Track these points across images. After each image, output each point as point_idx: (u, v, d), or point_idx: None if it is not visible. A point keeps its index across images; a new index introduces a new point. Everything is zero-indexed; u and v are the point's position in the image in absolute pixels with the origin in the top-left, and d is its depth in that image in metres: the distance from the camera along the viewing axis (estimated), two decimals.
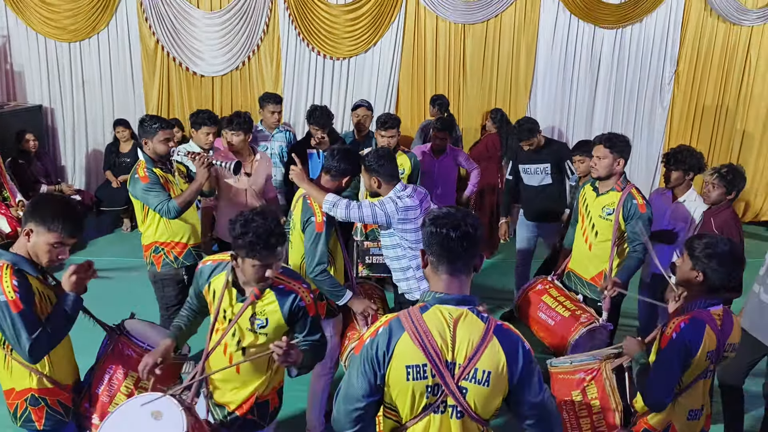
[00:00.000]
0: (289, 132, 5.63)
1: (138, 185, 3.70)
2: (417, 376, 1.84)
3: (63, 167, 7.72)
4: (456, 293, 1.90)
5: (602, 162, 3.66)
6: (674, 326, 2.46)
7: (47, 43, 7.34)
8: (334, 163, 3.36)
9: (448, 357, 1.84)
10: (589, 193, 3.85)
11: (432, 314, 1.88)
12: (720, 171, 3.69)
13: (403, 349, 1.84)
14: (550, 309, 3.73)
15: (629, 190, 3.64)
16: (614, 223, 3.63)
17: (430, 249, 1.91)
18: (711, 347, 2.44)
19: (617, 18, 7.48)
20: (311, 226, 3.28)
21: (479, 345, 1.84)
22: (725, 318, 2.53)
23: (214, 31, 7.39)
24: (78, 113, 7.61)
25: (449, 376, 1.84)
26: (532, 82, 7.71)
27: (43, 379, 2.51)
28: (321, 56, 7.49)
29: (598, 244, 3.74)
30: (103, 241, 6.96)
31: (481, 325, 1.88)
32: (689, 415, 2.53)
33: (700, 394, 2.55)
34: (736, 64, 7.70)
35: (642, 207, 3.57)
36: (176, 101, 7.57)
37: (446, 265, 1.90)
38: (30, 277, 2.40)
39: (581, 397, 2.95)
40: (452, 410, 1.88)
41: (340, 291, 3.36)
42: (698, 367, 2.45)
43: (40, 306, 2.41)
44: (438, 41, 7.52)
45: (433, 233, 1.88)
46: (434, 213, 1.94)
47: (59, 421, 2.58)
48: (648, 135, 7.87)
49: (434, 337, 1.84)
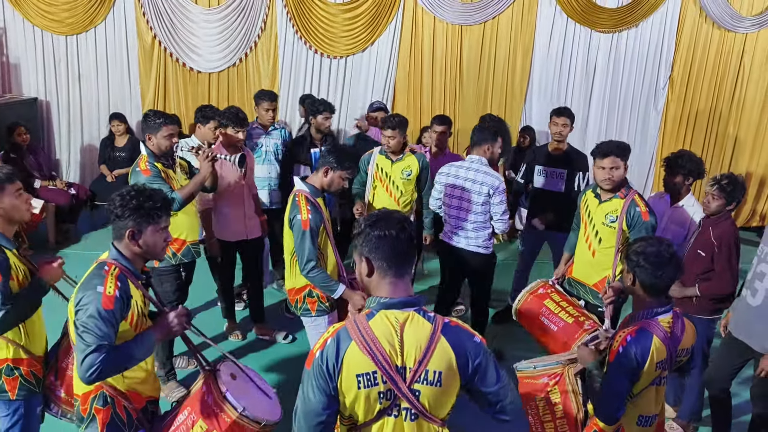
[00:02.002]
0: (284, 129, 5.64)
1: (140, 178, 3.71)
2: (368, 384, 1.83)
3: (58, 161, 7.70)
4: (401, 296, 1.89)
5: (617, 172, 3.63)
6: (621, 339, 2.44)
7: (44, 36, 7.32)
8: None
9: (397, 362, 1.83)
10: (591, 200, 3.83)
11: (378, 320, 1.86)
12: (720, 182, 3.66)
13: (351, 359, 1.82)
14: (553, 314, 3.67)
15: (632, 197, 3.64)
16: (618, 231, 3.63)
17: (376, 253, 1.87)
18: (660, 357, 2.40)
19: (613, 22, 7.52)
20: (297, 224, 3.32)
21: (428, 346, 1.84)
22: (675, 324, 2.50)
23: (211, 27, 7.39)
24: (74, 107, 7.59)
25: (401, 381, 1.83)
26: (527, 85, 7.74)
27: (20, 350, 2.61)
28: (318, 54, 7.50)
29: (602, 250, 3.74)
30: (98, 235, 6.96)
31: (428, 326, 1.87)
32: (639, 420, 2.51)
33: (652, 400, 2.51)
34: (729, 70, 7.76)
35: (645, 215, 3.58)
36: (172, 97, 7.57)
37: (395, 269, 1.88)
38: (7, 251, 2.53)
39: (545, 401, 2.98)
40: (406, 413, 1.88)
41: (333, 285, 3.41)
42: (648, 376, 2.42)
43: (17, 278, 2.54)
44: (435, 42, 7.54)
45: (381, 237, 1.86)
46: (372, 217, 1.93)
47: (31, 392, 2.68)
48: (641, 139, 7.92)
49: (382, 344, 1.83)
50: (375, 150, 4.77)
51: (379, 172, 4.69)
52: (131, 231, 2.33)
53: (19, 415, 2.68)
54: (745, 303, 3.45)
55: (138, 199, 2.33)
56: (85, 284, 2.29)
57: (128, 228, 2.33)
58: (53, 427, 2.98)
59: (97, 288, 2.24)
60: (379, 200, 4.71)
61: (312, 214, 3.31)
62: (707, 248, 3.66)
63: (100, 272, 2.30)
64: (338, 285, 3.43)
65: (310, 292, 3.52)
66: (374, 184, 4.72)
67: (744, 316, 3.46)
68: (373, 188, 4.73)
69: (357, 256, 1.95)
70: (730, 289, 3.64)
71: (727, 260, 3.60)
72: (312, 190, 3.46)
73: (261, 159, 5.21)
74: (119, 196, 2.35)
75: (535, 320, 3.76)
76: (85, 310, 2.21)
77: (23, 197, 2.63)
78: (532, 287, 3.94)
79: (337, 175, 3.47)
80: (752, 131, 7.96)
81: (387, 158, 4.65)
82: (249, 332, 4.94)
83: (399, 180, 4.64)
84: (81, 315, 2.21)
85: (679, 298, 3.75)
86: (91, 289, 2.25)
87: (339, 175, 3.47)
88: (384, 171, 4.66)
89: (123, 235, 2.34)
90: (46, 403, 2.76)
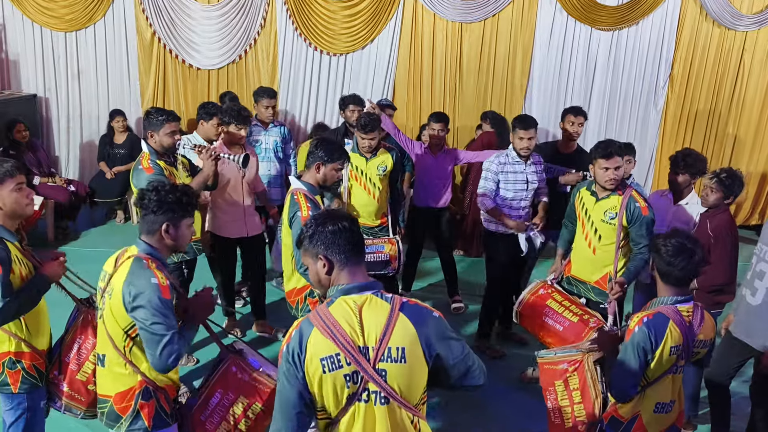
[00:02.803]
0: (283, 127, 5.64)
1: (142, 176, 3.71)
2: (332, 366, 1.86)
3: (57, 158, 7.68)
4: (360, 281, 1.96)
5: (620, 171, 3.68)
6: (638, 320, 2.54)
7: (43, 33, 7.29)
8: None
9: (359, 342, 1.87)
10: (587, 198, 3.83)
11: (338, 306, 1.91)
12: (719, 175, 3.70)
13: (314, 344, 1.86)
14: (557, 314, 3.68)
15: (630, 194, 3.67)
16: (618, 227, 3.65)
17: (334, 249, 1.95)
18: (676, 342, 2.50)
19: (614, 20, 7.52)
20: (297, 221, 3.28)
21: (387, 324, 1.88)
22: (695, 314, 2.59)
23: (211, 24, 7.37)
24: (73, 104, 7.57)
25: (364, 361, 1.86)
26: (527, 83, 7.74)
27: (21, 343, 2.63)
28: (318, 52, 7.49)
29: (603, 247, 3.75)
30: (97, 232, 6.96)
31: (386, 305, 1.92)
32: (656, 407, 2.59)
33: (668, 388, 2.59)
34: (729, 68, 7.76)
35: (645, 210, 3.62)
36: (172, 94, 7.55)
37: (354, 258, 1.97)
38: (9, 244, 2.55)
39: (563, 386, 3.02)
40: (375, 397, 1.88)
41: None
42: (665, 361, 2.52)
43: (19, 271, 2.55)
44: (435, 39, 7.53)
45: (336, 231, 1.95)
46: (320, 217, 2.02)
47: (33, 385, 2.70)
48: (641, 137, 7.92)
49: (342, 326, 1.87)
50: (346, 148, 4.74)
51: (355, 170, 4.66)
52: (167, 224, 2.41)
53: (23, 408, 2.70)
54: (744, 302, 3.46)
55: (174, 194, 2.42)
56: (132, 280, 2.32)
57: (164, 222, 2.41)
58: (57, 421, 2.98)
59: (152, 280, 2.31)
60: (356, 198, 4.69)
61: (312, 210, 3.28)
62: (704, 240, 3.67)
63: (143, 266, 2.36)
64: None
65: (312, 293, 3.49)
66: (350, 183, 4.70)
67: (743, 316, 3.46)
68: (349, 187, 4.71)
69: (310, 258, 2.00)
70: (726, 278, 3.67)
71: (722, 250, 3.64)
72: (309, 188, 3.44)
73: (261, 156, 5.21)
74: (154, 191, 2.42)
75: (538, 321, 3.76)
76: (146, 304, 2.28)
77: (24, 191, 2.63)
78: (531, 288, 3.92)
79: (329, 168, 3.45)
80: (752, 130, 7.97)
81: (361, 156, 4.64)
82: (248, 330, 4.94)
83: (375, 176, 4.64)
84: (143, 311, 2.28)
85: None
86: (145, 282, 2.31)
87: (331, 167, 3.45)
88: (359, 169, 4.64)
89: (156, 230, 2.42)
90: (49, 397, 2.78)
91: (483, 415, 4.06)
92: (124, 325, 2.36)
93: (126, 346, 2.39)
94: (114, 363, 2.42)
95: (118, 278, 2.36)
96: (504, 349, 4.89)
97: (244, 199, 4.52)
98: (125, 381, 2.42)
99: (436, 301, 5.64)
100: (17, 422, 2.71)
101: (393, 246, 4.52)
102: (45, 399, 2.77)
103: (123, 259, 2.41)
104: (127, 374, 2.42)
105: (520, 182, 4.56)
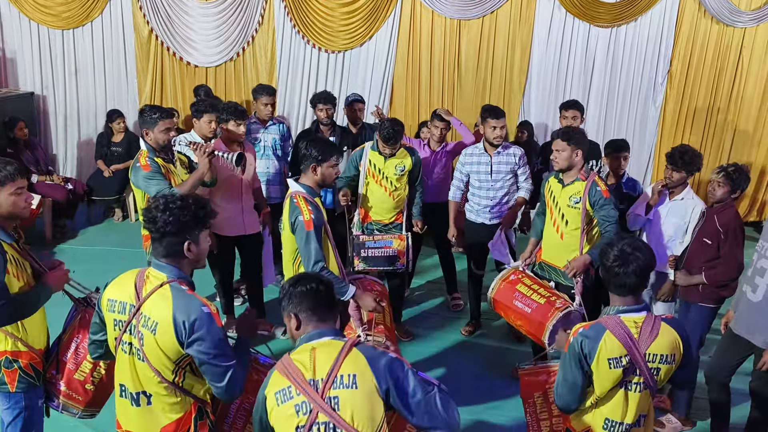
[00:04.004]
0: (282, 125, 5.61)
1: (139, 174, 3.71)
2: (284, 398, 2.01)
3: (54, 156, 7.67)
4: (322, 329, 2.12)
5: (562, 154, 3.86)
6: (574, 332, 2.43)
7: (40, 30, 7.28)
8: None
9: (309, 375, 2.01)
10: (554, 185, 4.02)
11: (298, 350, 2.10)
12: (726, 170, 3.70)
13: (272, 383, 2.06)
14: (526, 297, 3.83)
15: (593, 179, 3.87)
16: (582, 211, 3.83)
17: (302, 306, 2.13)
18: (613, 354, 2.33)
19: (612, 17, 7.51)
20: (300, 226, 3.22)
21: (338, 357, 2.02)
22: (646, 326, 2.38)
23: (208, 21, 7.36)
24: (70, 101, 7.56)
25: (313, 391, 1.98)
26: (526, 80, 7.72)
27: (18, 343, 2.62)
28: (316, 49, 7.48)
29: (569, 232, 3.93)
30: (94, 231, 6.94)
31: (339, 343, 2.07)
32: (605, 424, 2.44)
33: (619, 404, 2.41)
34: (728, 65, 7.74)
35: (605, 192, 3.82)
36: (169, 91, 7.54)
37: (318, 315, 2.13)
38: (5, 245, 2.52)
39: (542, 398, 3.02)
40: (325, 428, 1.97)
41: (344, 287, 3.35)
42: (605, 374, 2.35)
43: (16, 273, 2.52)
44: (434, 36, 7.52)
45: (304, 291, 2.13)
46: (292, 279, 2.21)
47: (31, 384, 2.69)
48: (640, 134, 7.91)
49: (296, 365, 2.04)
50: (366, 145, 4.74)
51: (372, 168, 4.66)
52: (188, 243, 2.24)
53: (20, 407, 2.69)
54: (745, 299, 3.45)
55: (189, 210, 2.22)
56: (184, 311, 2.14)
57: (185, 242, 2.23)
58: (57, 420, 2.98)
59: (204, 309, 2.16)
60: (372, 194, 4.71)
61: (314, 213, 3.24)
62: (713, 236, 3.70)
63: (185, 293, 2.20)
64: (348, 286, 3.37)
65: None
66: (367, 179, 4.71)
67: (744, 313, 3.46)
68: (366, 183, 4.72)
69: (285, 317, 2.18)
70: (735, 274, 3.68)
71: (732, 246, 3.65)
72: (308, 191, 3.36)
73: (259, 154, 5.19)
74: (167, 212, 2.19)
75: (509, 305, 3.90)
76: (205, 336, 2.13)
77: (23, 195, 2.61)
78: (503, 275, 4.10)
79: (326, 167, 3.37)
80: (751, 126, 7.95)
81: (380, 155, 4.63)
82: None
83: (392, 176, 4.64)
84: (204, 345, 2.14)
85: (685, 287, 3.81)
86: (198, 312, 2.15)
87: (327, 165, 3.37)
88: (377, 167, 4.64)
89: (179, 251, 2.24)
90: (47, 397, 2.78)
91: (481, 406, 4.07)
92: (176, 358, 2.18)
93: (178, 378, 2.22)
94: (161, 396, 2.24)
95: (158, 309, 2.15)
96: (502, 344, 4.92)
97: (242, 197, 4.51)
98: (178, 408, 2.26)
99: (434, 299, 5.66)
100: (15, 421, 2.71)
101: (402, 242, 4.55)
102: (43, 398, 2.77)
103: (150, 288, 2.20)
104: (178, 402, 2.26)
105: (483, 173, 4.76)
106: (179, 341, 2.13)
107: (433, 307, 5.55)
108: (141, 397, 2.23)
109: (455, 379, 4.37)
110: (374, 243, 4.54)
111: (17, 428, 2.71)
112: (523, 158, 4.83)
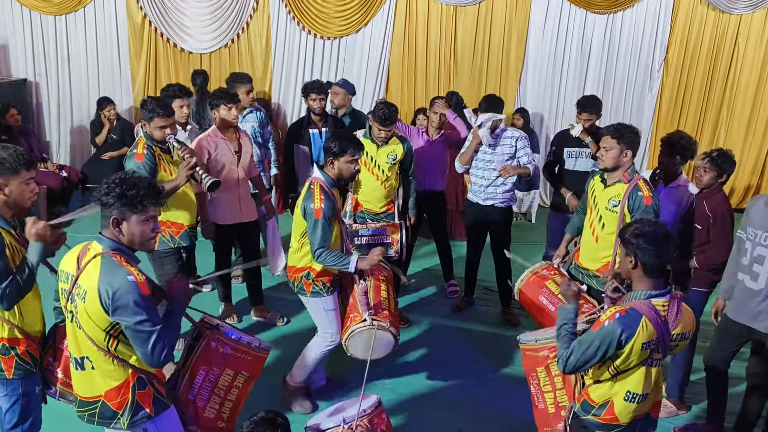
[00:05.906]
0: (260, 111, 5.50)
1: (131, 162, 3.77)
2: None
3: (48, 143, 7.62)
4: None
5: (609, 153, 3.60)
6: (609, 315, 2.47)
7: (32, 16, 7.21)
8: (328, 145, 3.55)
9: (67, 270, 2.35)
10: (597, 185, 3.81)
11: None
12: (711, 155, 3.74)
13: None
14: (553, 295, 3.67)
15: (636, 182, 3.59)
16: (619, 215, 3.61)
17: None
18: (648, 338, 2.43)
19: (608, 4, 7.48)
20: (310, 213, 3.42)
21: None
22: (671, 308, 2.52)
23: (202, 6, 7.30)
24: (63, 88, 7.50)
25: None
26: (522, 67, 7.71)
27: (15, 330, 2.63)
28: (311, 35, 7.43)
29: (605, 236, 3.72)
30: (89, 218, 6.87)
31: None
32: (627, 395, 2.55)
33: (641, 379, 2.52)
34: (724, 52, 7.75)
35: (647, 199, 3.54)
36: (163, 78, 7.48)
37: None
38: (3, 231, 2.55)
39: (545, 373, 3.04)
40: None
41: (345, 260, 3.50)
42: (635, 354, 2.45)
43: (12, 258, 2.55)
44: (430, 23, 7.49)
45: None
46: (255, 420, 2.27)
47: (28, 371, 2.70)
48: (636, 121, 7.89)
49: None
50: (358, 133, 4.71)
51: (365, 156, 4.61)
52: (114, 219, 2.30)
53: (18, 394, 2.70)
54: (744, 287, 3.46)
55: (121, 186, 2.29)
56: (108, 280, 2.23)
57: (112, 216, 2.30)
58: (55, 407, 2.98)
59: (128, 278, 2.24)
60: (364, 183, 4.72)
61: (325, 203, 3.40)
62: (703, 221, 3.74)
63: (113, 263, 2.27)
64: (349, 258, 3.50)
65: (308, 275, 3.63)
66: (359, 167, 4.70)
67: (744, 301, 3.47)
68: None
69: None
70: (725, 257, 3.68)
71: (722, 230, 3.69)
72: (328, 180, 3.54)
73: None
74: (105, 183, 2.32)
75: (534, 299, 3.78)
76: (127, 304, 2.22)
77: (31, 185, 2.65)
78: (535, 268, 3.92)
79: (343, 161, 3.52)
80: (746, 112, 7.96)
81: (373, 143, 4.63)
82: (245, 315, 4.94)
83: (384, 164, 4.65)
84: (126, 312, 2.22)
85: (678, 272, 3.80)
86: (122, 281, 2.22)
87: (344, 160, 3.52)
88: (369, 155, 4.63)
89: (107, 225, 2.33)
90: (45, 384, 2.79)
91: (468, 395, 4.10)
92: (105, 326, 2.28)
93: (111, 345, 2.32)
94: (101, 362, 2.34)
95: (89, 279, 2.26)
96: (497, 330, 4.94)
97: (239, 185, 4.49)
98: (116, 376, 2.36)
99: (430, 286, 5.67)
100: (13, 408, 2.72)
101: (395, 230, 4.54)
102: (40, 385, 2.78)
103: (87, 258, 2.31)
104: (115, 369, 2.35)
105: (481, 151, 4.91)
106: (104, 309, 2.24)
107: (429, 294, 5.56)
108: (85, 361, 2.38)
109: (451, 365, 4.40)
110: (367, 231, 4.55)
111: (15, 415, 2.73)
112: (523, 140, 4.83)
